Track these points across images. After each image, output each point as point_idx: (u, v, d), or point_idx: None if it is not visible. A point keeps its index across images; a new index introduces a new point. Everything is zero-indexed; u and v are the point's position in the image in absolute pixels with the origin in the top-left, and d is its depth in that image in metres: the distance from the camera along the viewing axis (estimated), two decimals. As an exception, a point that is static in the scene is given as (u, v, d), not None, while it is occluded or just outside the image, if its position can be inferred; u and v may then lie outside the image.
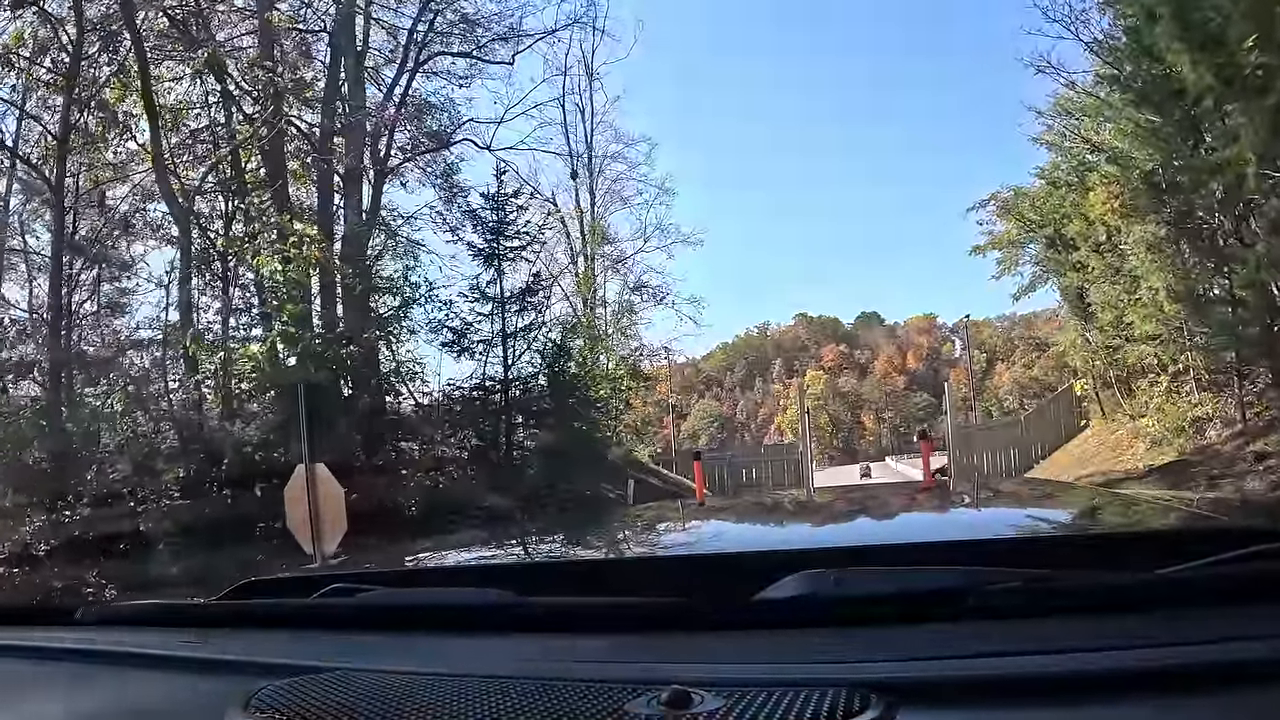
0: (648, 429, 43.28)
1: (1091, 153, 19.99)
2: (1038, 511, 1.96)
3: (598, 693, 0.81)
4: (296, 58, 17.75)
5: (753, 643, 0.97)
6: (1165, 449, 17.29)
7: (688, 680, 0.81)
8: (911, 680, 0.81)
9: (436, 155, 20.80)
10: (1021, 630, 0.90)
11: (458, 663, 1.00)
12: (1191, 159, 14.18)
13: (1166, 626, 0.87)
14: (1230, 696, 0.75)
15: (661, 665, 0.91)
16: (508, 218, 17.44)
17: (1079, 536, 1.52)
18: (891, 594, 0.97)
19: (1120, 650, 0.81)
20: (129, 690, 1.15)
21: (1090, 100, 19.09)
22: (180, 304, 14.16)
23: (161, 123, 14.69)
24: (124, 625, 1.42)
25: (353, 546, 7.74)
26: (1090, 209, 18.71)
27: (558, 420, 18.15)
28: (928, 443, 14.99)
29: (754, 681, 0.82)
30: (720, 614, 1.01)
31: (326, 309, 14.86)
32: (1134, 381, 20.35)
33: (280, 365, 12.15)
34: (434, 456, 15.63)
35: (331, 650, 1.10)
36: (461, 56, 21.29)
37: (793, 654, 0.92)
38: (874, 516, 2.01)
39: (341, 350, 13.01)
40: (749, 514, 2.25)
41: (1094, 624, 0.89)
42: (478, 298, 17.32)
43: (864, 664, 0.86)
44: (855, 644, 0.92)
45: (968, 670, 0.83)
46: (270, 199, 14.77)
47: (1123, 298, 18.47)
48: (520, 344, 17.77)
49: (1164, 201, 15.32)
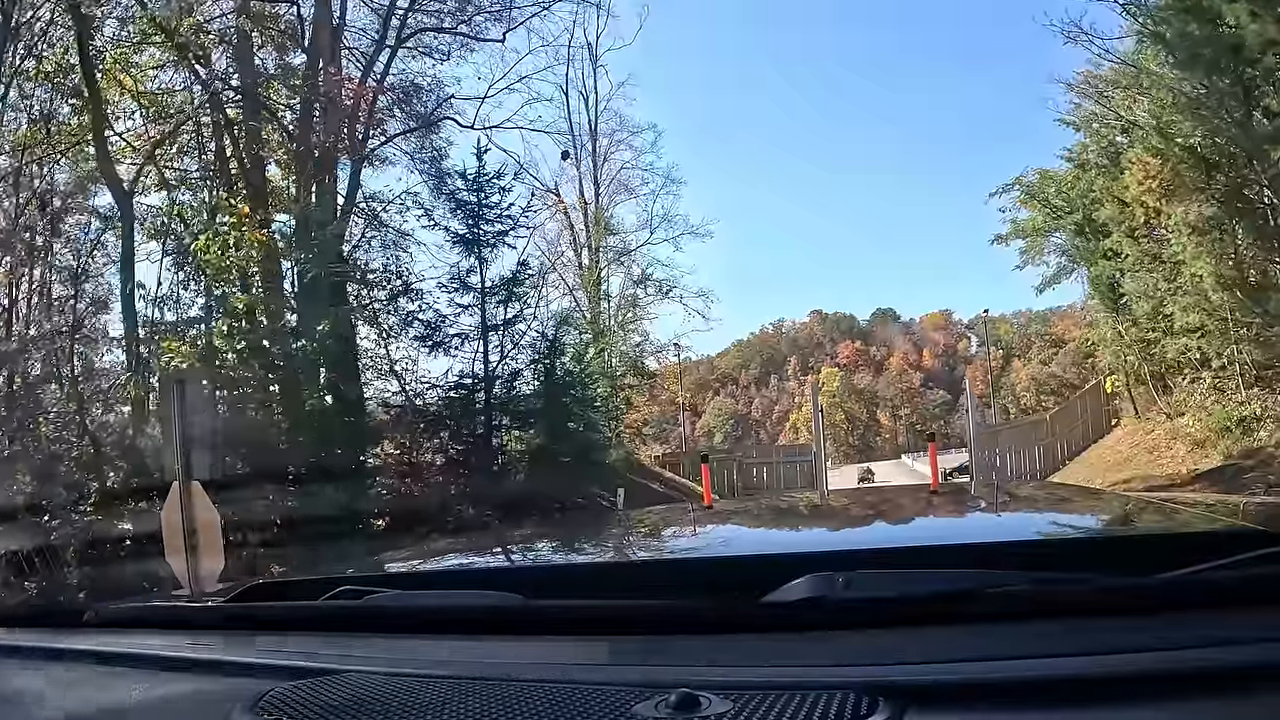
0: (662, 428, 42.35)
1: (1123, 132, 18.69)
2: (1046, 515, 1.99)
3: (605, 696, 0.82)
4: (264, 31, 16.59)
5: (761, 645, 0.97)
6: (1209, 451, 16.15)
7: (695, 683, 0.81)
8: (920, 683, 0.81)
9: (423, 139, 19.75)
10: (1029, 633, 0.91)
11: (466, 666, 1.00)
12: (1245, 128, 12.71)
13: (1171, 630, 0.87)
14: (1234, 699, 0.76)
15: (669, 668, 0.92)
16: (488, 199, 16.02)
17: (1087, 540, 1.52)
18: (899, 597, 0.97)
19: (1126, 654, 0.81)
20: (135, 693, 1.12)
21: (1125, 72, 17.63)
22: (123, 295, 12.88)
23: (107, 102, 13.46)
24: (132, 628, 1.41)
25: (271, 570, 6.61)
26: (1124, 191, 17.42)
27: (550, 421, 16.95)
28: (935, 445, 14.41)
29: (762, 684, 0.83)
30: (728, 617, 1.02)
31: (280, 301, 13.38)
32: (1170, 378, 19.09)
33: (216, 362, 10.81)
34: (407, 462, 14.33)
35: (339, 653, 1.10)
36: (445, 33, 20.16)
37: (801, 657, 0.93)
38: (882, 519, 2.03)
39: (292, 346, 11.64)
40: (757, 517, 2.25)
41: (1100, 627, 0.90)
42: (457, 288, 15.95)
43: (872, 667, 0.86)
44: (863, 647, 0.92)
45: (975, 673, 0.83)
46: (217, 180, 13.42)
47: (1161, 286, 17.19)
48: (506, 338, 16.43)
49: (1212, 178, 13.90)
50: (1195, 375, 17.37)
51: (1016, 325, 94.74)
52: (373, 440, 13.57)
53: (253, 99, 15.50)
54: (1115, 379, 22.02)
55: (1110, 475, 17.25)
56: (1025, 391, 75.44)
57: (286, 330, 11.95)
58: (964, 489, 6.67)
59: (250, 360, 10.83)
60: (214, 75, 15.14)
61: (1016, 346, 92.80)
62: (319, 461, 12.24)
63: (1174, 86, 14.37)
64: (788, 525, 2.12)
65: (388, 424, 15.12)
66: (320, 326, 11.57)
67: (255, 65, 16.57)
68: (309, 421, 11.23)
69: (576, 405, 18.26)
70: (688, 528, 2.08)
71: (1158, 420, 19.20)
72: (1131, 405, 21.02)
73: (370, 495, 12.57)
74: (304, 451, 11.50)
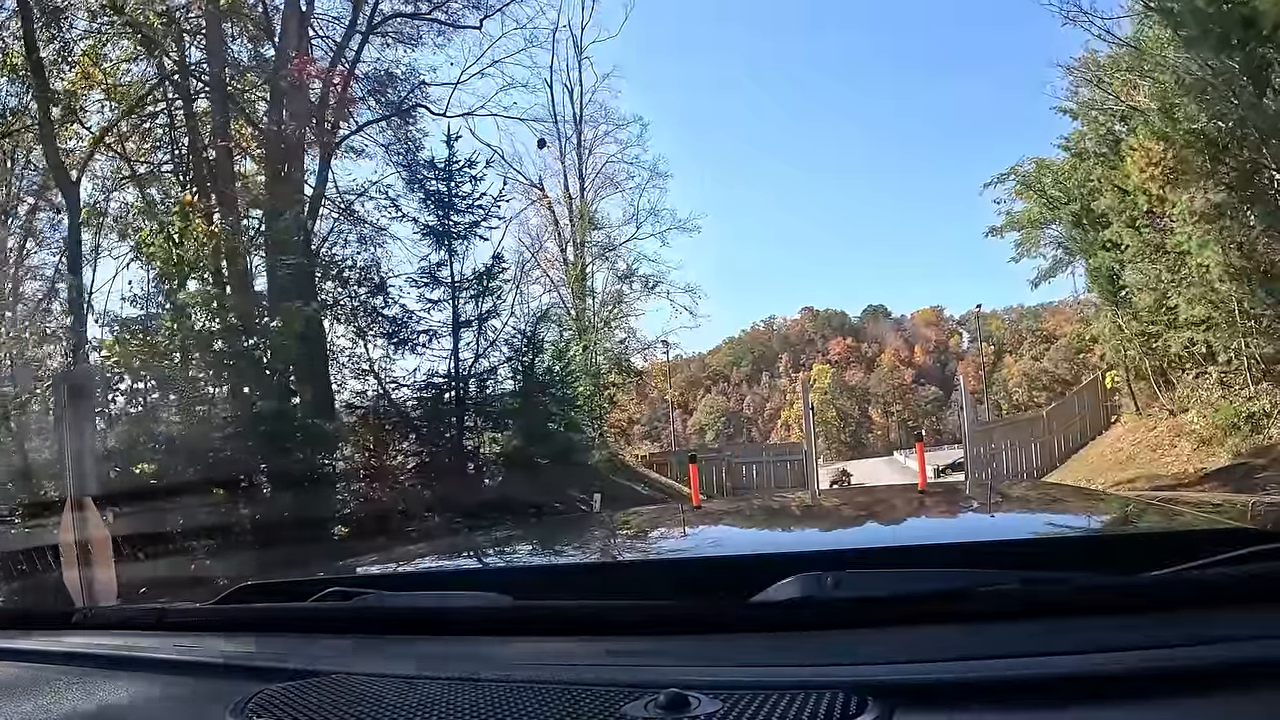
0: (653, 426, 41.64)
1: (1122, 120, 17.97)
2: (1035, 514, 1.96)
3: (595, 696, 0.81)
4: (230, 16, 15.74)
5: (750, 645, 0.96)
6: (1215, 449, 15.44)
7: (684, 683, 0.80)
8: (908, 682, 0.81)
9: (397, 129, 18.97)
10: (1017, 632, 0.90)
11: (455, 667, 0.98)
12: (1257, 108, 11.97)
13: (1159, 628, 0.86)
14: (1223, 696, 0.75)
15: (658, 668, 0.91)
16: (458, 189, 15.16)
17: (1075, 539, 1.51)
18: (888, 596, 0.96)
19: (1116, 652, 0.81)
20: (124, 695, 1.10)
21: (1125, 55, 16.90)
22: (70, 289, 12.02)
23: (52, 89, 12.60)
24: (119, 629, 1.40)
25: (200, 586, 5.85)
26: (1125, 179, 16.70)
27: (527, 422, 16.17)
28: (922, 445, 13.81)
29: (751, 684, 0.82)
30: (717, 617, 1.01)
31: (239, 295, 12.50)
32: (1173, 372, 18.36)
33: (154, 358, 9.96)
34: (373, 466, 13.51)
35: (328, 654, 1.09)
36: (420, 19, 19.35)
37: (790, 656, 0.91)
38: (872, 519, 2.01)
39: (243, 344, 10.81)
40: (746, 517, 2.23)
41: (1088, 626, 0.88)
42: (427, 282, 15.10)
43: (861, 666, 0.85)
44: (852, 646, 0.91)
45: (964, 672, 0.82)
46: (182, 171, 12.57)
47: (1164, 277, 16.45)
48: (481, 335, 15.62)
49: (1221, 161, 13.12)
50: (1200, 369, 16.63)
51: (1008, 321, 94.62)
52: (334, 443, 12.77)
53: (219, 87, 14.71)
54: (1115, 374, 21.31)
55: (1113, 474, 16.50)
56: (1017, 387, 75.28)
57: (237, 328, 11.12)
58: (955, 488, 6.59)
59: (196, 359, 9.99)
60: (165, 54, 14.31)
61: (1008, 342, 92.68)
62: (274, 466, 11.46)
63: (1179, 67, 13.62)
64: (777, 525, 2.11)
65: (353, 426, 14.28)
66: (274, 323, 10.78)
67: (221, 51, 15.79)
68: (257, 424, 10.42)
69: (557, 405, 17.52)
70: (677, 528, 2.05)
71: (1160, 416, 18.48)
72: (1132, 401, 20.25)
73: (329, 501, 11.76)
74: (255, 456, 10.71)
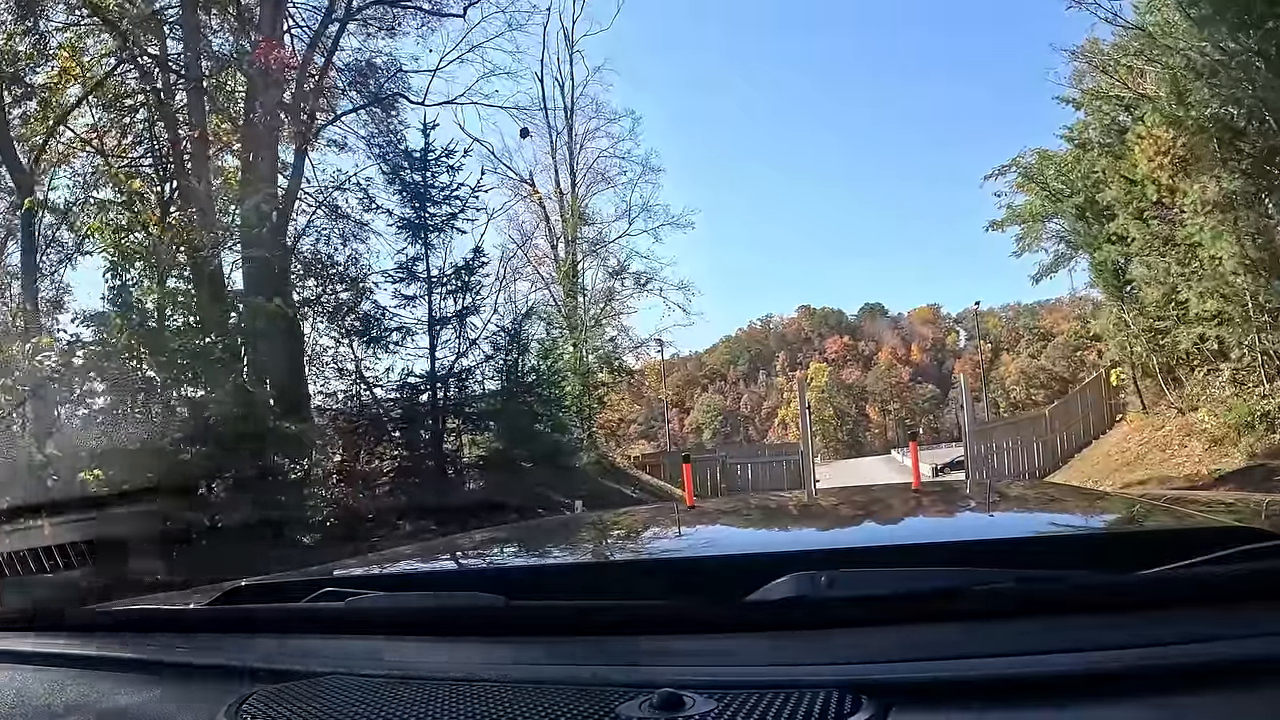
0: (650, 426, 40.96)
1: (1127, 109, 17.32)
2: (1031, 513, 1.95)
3: (589, 696, 0.81)
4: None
5: (744, 645, 0.95)
6: (1228, 449, 14.76)
7: (679, 683, 0.80)
8: (903, 681, 0.80)
9: (378, 121, 18.33)
10: (1012, 630, 0.90)
11: (449, 667, 0.99)
12: (1276, 90, 11.33)
13: (1156, 627, 0.86)
14: (1219, 694, 0.75)
15: (652, 668, 0.90)
16: (434, 179, 14.46)
17: (1073, 538, 1.50)
18: (882, 595, 0.96)
19: (1111, 650, 0.80)
20: (116, 696, 1.09)
21: (1131, 40, 16.23)
22: (25, 290, 11.32)
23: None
24: (111, 630, 1.38)
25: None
26: (1132, 169, 16.05)
27: (511, 423, 15.51)
28: (916, 444, 14.13)
29: (745, 684, 0.82)
30: (711, 616, 1.00)
31: (204, 290, 11.80)
32: (1182, 369, 17.69)
33: (102, 358, 9.29)
34: (344, 470, 12.83)
35: (322, 654, 1.08)
36: (401, 6, 18.69)
37: (784, 656, 0.91)
38: (867, 518, 2.00)
39: (199, 342, 10.11)
40: (741, 516, 2.20)
41: (1084, 624, 0.88)
42: (403, 277, 14.41)
43: (855, 665, 0.85)
44: (847, 645, 0.91)
45: (959, 671, 0.82)
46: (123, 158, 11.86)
47: (1174, 271, 15.74)
48: (461, 333, 14.92)
49: (1236, 148, 12.46)
50: (1211, 366, 15.94)
51: (1005, 319, 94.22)
52: (304, 446, 12.11)
53: (194, 75, 14.06)
54: (1120, 371, 20.67)
55: (1121, 475, 15.84)
56: (1015, 385, 75.03)
57: (194, 326, 10.44)
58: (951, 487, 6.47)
59: (147, 358, 9.32)
60: (134, 40, 13.64)
61: (1005, 340, 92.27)
62: (238, 471, 10.79)
63: (1189, 49, 12.97)
64: (771, 524, 2.08)
65: (323, 429, 13.59)
66: (232, 320, 10.12)
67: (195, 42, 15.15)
68: (217, 426, 9.75)
69: (542, 405, 16.86)
70: (671, 528, 2.02)
71: (1168, 415, 17.74)
72: (1138, 399, 19.52)
73: (298, 506, 11.08)
74: (212, 460, 10.04)
